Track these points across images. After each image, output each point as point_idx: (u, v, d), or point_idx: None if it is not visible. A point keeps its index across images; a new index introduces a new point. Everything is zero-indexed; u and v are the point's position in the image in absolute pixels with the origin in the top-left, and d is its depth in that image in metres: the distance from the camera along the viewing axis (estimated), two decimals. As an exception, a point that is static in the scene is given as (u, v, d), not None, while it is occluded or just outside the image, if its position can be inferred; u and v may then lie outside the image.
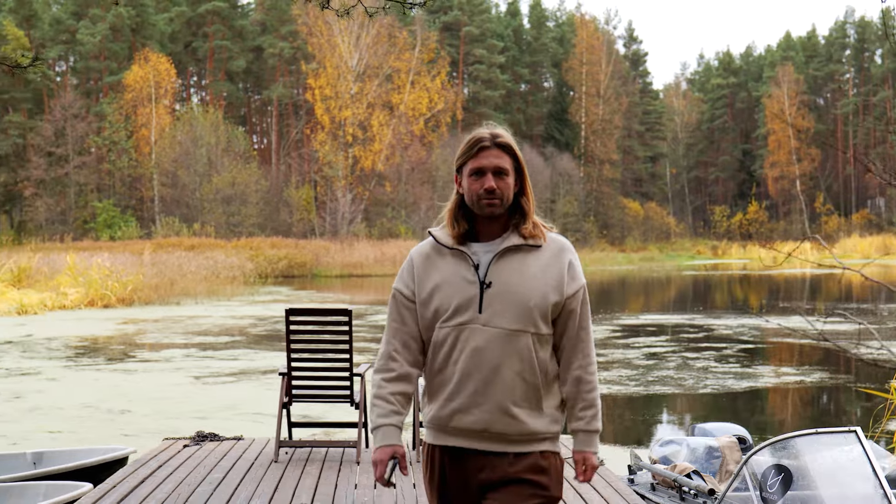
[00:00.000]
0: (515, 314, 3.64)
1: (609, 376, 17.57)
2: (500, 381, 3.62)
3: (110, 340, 25.71)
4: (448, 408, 3.68)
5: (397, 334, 3.80)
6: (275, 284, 54.80)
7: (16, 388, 16.94)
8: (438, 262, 3.77)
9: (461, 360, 3.65)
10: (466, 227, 3.75)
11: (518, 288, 3.67)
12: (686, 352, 21.54)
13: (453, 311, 3.68)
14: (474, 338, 3.64)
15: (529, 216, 3.76)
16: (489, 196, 3.68)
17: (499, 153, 3.73)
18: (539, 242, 3.72)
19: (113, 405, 15.13)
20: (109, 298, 38.39)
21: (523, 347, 3.63)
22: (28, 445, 11.69)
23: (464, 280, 3.70)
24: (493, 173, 3.70)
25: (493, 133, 3.76)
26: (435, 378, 3.75)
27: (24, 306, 35.24)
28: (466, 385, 3.64)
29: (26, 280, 42.37)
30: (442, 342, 3.70)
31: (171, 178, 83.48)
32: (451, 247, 3.75)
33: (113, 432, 12.98)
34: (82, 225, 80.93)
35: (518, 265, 3.70)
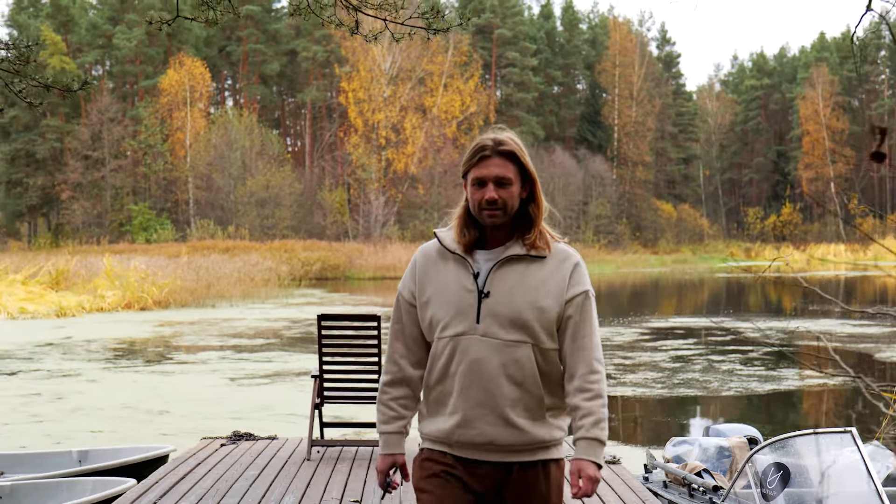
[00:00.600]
0: (513, 325, 3.59)
1: (635, 378, 17.92)
2: (501, 393, 3.59)
3: (148, 342, 26.25)
4: (450, 422, 3.64)
5: (399, 336, 3.78)
6: (308, 287, 55.28)
7: (58, 389, 17.46)
8: (441, 266, 3.72)
9: (460, 372, 3.61)
10: (477, 234, 3.69)
11: (516, 298, 3.61)
12: (712, 354, 21.83)
13: (450, 321, 3.64)
14: (473, 349, 3.60)
15: (536, 225, 3.69)
16: (490, 207, 3.61)
17: (501, 161, 3.66)
18: (543, 253, 3.66)
19: (151, 406, 15.60)
20: (146, 301, 39.00)
21: (523, 358, 3.59)
22: (71, 444, 12.17)
23: (462, 288, 3.65)
24: (495, 183, 3.63)
25: (496, 140, 3.69)
26: (433, 390, 3.72)
27: (62, 309, 35.89)
28: (467, 398, 3.61)
29: (64, 283, 43.01)
30: (440, 354, 3.66)
31: (205, 181, 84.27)
32: (454, 252, 3.70)
33: (152, 432, 13.44)
34: (118, 227, 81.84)
35: (519, 275, 3.64)
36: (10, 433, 13.37)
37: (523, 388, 3.60)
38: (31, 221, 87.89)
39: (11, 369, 20.55)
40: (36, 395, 16.83)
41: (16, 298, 37.01)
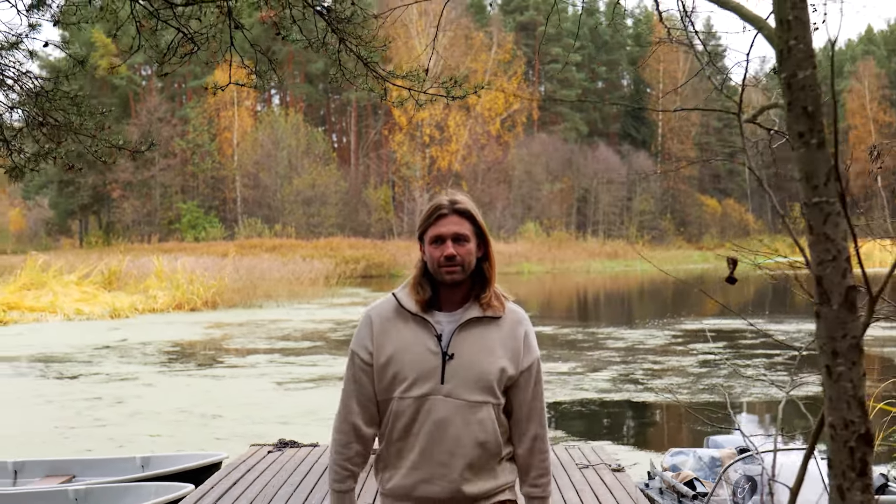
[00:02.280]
0: (477, 386, 3.70)
1: (660, 384, 18.74)
2: (464, 453, 3.69)
3: (199, 345, 27.41)
4: (412, 477, 3.73)
5: (353, 396, 3.84)
6: (353, 286, 56.26)
7: (117, 393, 18.61)
8: (401, 326, 3.78)
9: (423, 431, 3.70)
10: (430, 293, 3.77)
11: (479, 360, 3.72)
12: (739, 359, 22.53)
13: (413, 381, 3.72)
14: (437, 409, 3.68)
15: (490, 284, 3.81)
16: (449, 263, 3.69)
17: (458, 219, 3.74)
18: (499, 314, 3.77)
19: (205, 410, 16.68)
20: (195, 302, 40.22)
21: (485, 418, 3.71)
22: (133, 448, 13.27)
23: (426, 349, 3.72)
24: (453, 240, 3.71)
25: (451, 199, 3.77)
26: (393, 446, 3.80)
27: (116, 310, 37.17)
28: (431, 456, 3.69)
29: (116, 283, 44.33)
30: (401, 413, 3.74)
31: (252, 179, 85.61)
32: (415, 313, 3.77)
33: (206, 436, 14.49)
34: (167, 226, 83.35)
35: (479, 337, 3.74)
36: (76, 437, 14.51)
37: (485, 447, 3.72)
38: (83, 219, 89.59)
39: (73, 373, 21.79)
40: (97, 399, 17.99)
41: (71, 299, 38.34)
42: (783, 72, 3.08)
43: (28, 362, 24.08)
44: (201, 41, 6.59)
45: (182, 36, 6.56)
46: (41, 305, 37.04)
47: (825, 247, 2.96)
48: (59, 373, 21.93)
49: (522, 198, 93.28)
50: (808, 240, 3.02)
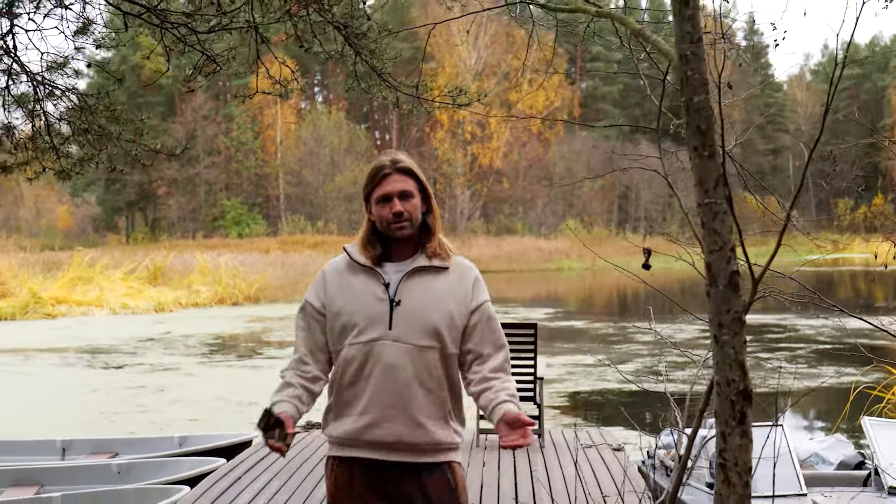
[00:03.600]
0: (424, 331, 3.82)
1: (681, 376, 19.32)
2: (412, 395, 3.80)
3: (240, 338, 28.30)
4: (361, 422, 3.84)
5: (306, 343, 3.98)
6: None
7: (160, 382, 19.49)
8: (351, 278, 3.93)
9: (373, 375, 3.81)
10: (380, 249, 3.92)
11: (426, 306, 3.84)
12: (762, 352, 23.05)
13: (362, 328, 3.84)
14: (386, 354, 3.80)
15: (435, 235, 3.95)
16: (397, 219, 3.85)
17: (402, 177, 3.89)
18: (446, 264, 3.91)
19: (242, 398, 17.50)
20: (237, 297, 41.15)
21: (431, 362, 3.83)
22: (172, 430, 14.10)
23: (374, 297, 3.86)
24: (399, 197, 3.86)
25: (393, 159, 3.94)
26: (343, 393, 3.90)
27: (160, 304, 38.18)
28: (379, 399, 3.80)
29: (161, 278, 45.31)
30: (351, 359, 3.85)
31: (295, 176, 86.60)
32: (364, 264, 3.91)
33: (242, 421, 15.27)
34: (212, 222, 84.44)
35: (426, 284, 3.87)
36: (121, 420, 15.40)
37: (431, 391, 3.84)
38: (129, 216, 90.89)
39: (119, 363, 22.76)
40: (141, 388, 18.90)
41: (117, 294, 39.37)
42: (683, 96, 3.80)
43: (76, 353, 25.07)
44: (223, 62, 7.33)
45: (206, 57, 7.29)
46: (88, 300, 38.04)
47: (713, 239, 3.69)
48: (105, 363, 22.90)
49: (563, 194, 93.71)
50: (700, 233, 3.73)
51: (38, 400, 17.82)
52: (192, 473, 9.51)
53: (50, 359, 24.02)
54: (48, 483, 9.83)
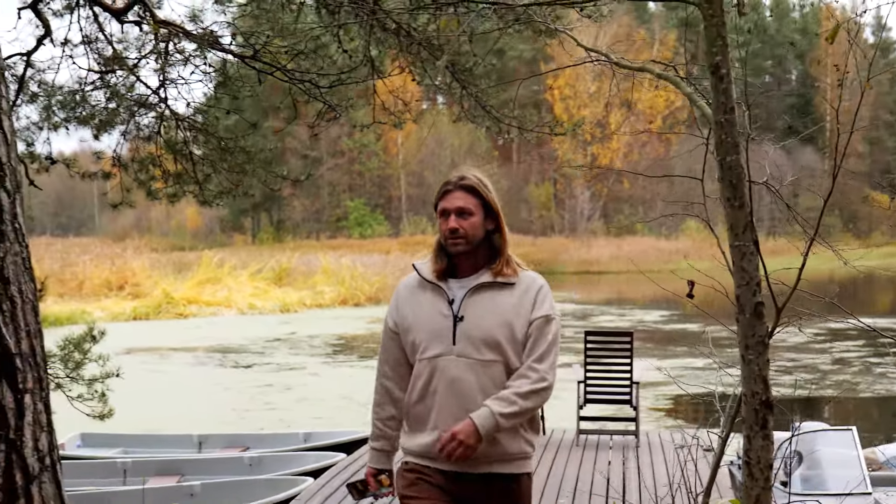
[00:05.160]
0: (486, 345, 3.89)
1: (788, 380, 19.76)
2: (478, 408, 3.83)
3: (362, 339, 29.40)
4: (431, 437, 3.92)
5: (385, 360, 4.12)
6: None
7: (286, 381, 20.65)
8: (420, 295, 4.02)
9: (439, 390, 3.91)
10: (446, 263, 4.00)
11: (488, 321, 3.90)
12: (874, 357, 23.26)
13: (427, 343, 3.94)
14: (450, 369, 3.89)
15: (502, 255, 4.01)
16: (452, 236, 3.93)
17: (463, 195, 3.96)
18: (511, 280, 3.97)
19: (363, 398, 18.40)
20: (359, 297, 42.24)
21: (496, 376, 3.89)
22: (298, 427, 15.13)
23: (439, 314, 3.94)
24: (456, 214, 3.93)
25: (460, 175, 4.02)
26: (414, 408, 4.00)
27: (286, 305, 39.46)
28: (446, 414, 3.88)
29: (286, 278, 46.61)
30: (420, 374, 3.96)
31: (417, 178, 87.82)
32: (430, 281, 4.00)
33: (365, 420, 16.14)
34: (335, 223, 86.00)
35: (490, 300, 3.93)
36: (251, 418, 16.56)
37: None
38: (255, 217, 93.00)
39: (247, 362, 24.07)
40: (268, 386, 20.09)
41: (244, 295, 40.81)
42: (718, 156, 4.55)
43: (207, 353, 26.48)
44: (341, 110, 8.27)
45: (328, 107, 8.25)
46: (217, 300, 39.55)
47: (742, 275, 4.45)
48: (235, 362, 24.22)
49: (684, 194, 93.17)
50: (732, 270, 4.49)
51: (174, 397, 19.12)
52: (316, 467, 10.51)
53: (184, 358, 25.45)
54: (188, 473, 10.93)
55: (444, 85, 9.19)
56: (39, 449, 4.14)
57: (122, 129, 8.47)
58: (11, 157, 4.20)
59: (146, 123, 8.53)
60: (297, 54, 7.75)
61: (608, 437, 11.58)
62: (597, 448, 10.97)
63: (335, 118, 8.50)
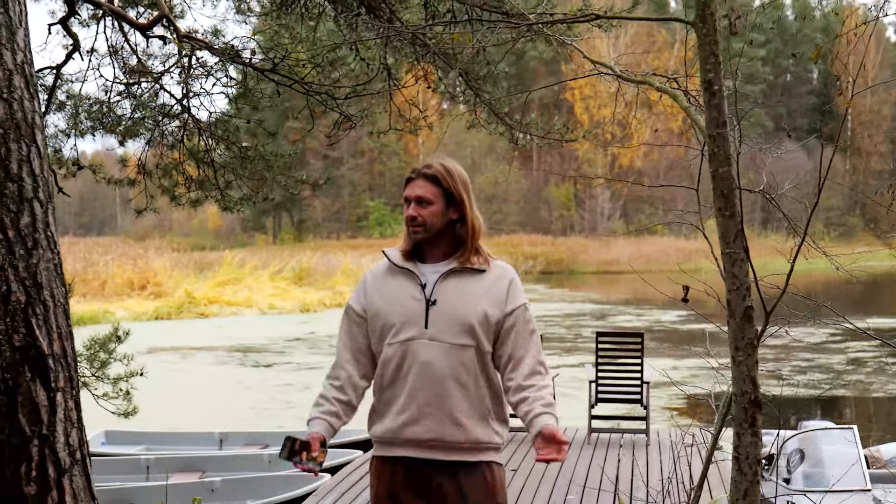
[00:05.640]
0: (459, 330, 3.88)
1: (801, 380, 19.96)
2: (448, 393, 3.87)
3: (379, 338, 29.66)
4: (399, 419, 3.90)
5: (348, 347, 4.07)
6: (532, 282, 57.67)
7: (306, 380, 20.95)
8: (390, 280, 4.01)
9: (411, 373, 3.88)
10: (412, 245, 4.01)
11: (461, 305, 3.90)
12: (890, 357, 23.32)
13: (399, 327, 3.91)
14: (422, 352, 3.87)
15: (465, 244, 3.99)
16: (412, 223, 3.94)
17: (423, 183, 3.95)
18: (483, 267, 3.98)
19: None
20: (378, 298, 42.47)
21: (468, 360, 3.89)
22: (317, 426, 15.46)
23: (411, 297, 3.94)
24: (416, 202, 3.94)
25: (425, 164, 4.01)
26: (384, 393, 3.97)
27: (306, 305, 39.73)
28: (417, 397, 3.87)
29: (306, 278, 46.94)
30: (390, 358, 3.92)
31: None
32: (401, 266, 4.00)
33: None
34: (355, 223, 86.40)
35: (462, 285, 3.94)
36: (270, 416, 16.86)
37: (467, 389, 3.91)
38: (276, 217, 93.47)
39: (267, 362, 24.41)
40: (288, 386, 20.42)
41: (265, 294, 41.16)
42: (711, 167, 4.79)
43: (228, 352, 26.81)
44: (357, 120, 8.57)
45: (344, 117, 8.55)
46: (238, 300, 39.85)
47: (733, 280, 4.70)
48: (256, 362, 24.55)
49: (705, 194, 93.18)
50: (724, 276, 4.74)
51: (196, 395, 19.45)
52: (333, 463, 10.78)
53: (205, 357, 25.79)
54: (209, 469, 11.24)
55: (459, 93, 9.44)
56: (70, 444, 4.43)
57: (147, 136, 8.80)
58: (44, 169, 4.50)
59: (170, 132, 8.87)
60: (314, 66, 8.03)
61: (619, 436, 11.82)
62: (608, 446, 11.22)
63: (351, 128, 8.78)
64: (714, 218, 4.83)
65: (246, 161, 8.73)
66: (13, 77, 4.35)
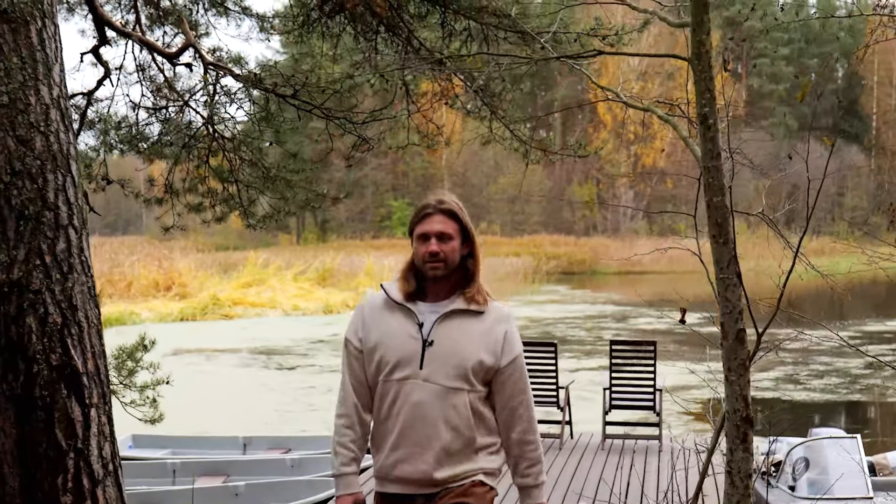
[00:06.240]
0: (454, 373, 3.89)
1: (818, 384, 20.16)
2: (437, 435, 3.88)
3: (402, 340, 29.96)
4: (392, 457, 3.93)
5: (350, 381, 4.05)
6: (554, 283, 57.88)
7: (328, 383, 21.27)
8: (387, 315, 4.00)
9: (402, 412, 3.89)
10: (415, 286, 4.00)
11: (457, 349, 3.91)
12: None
13: (394, 365, 3.92)
14: (415, 392, 3.88)
15: (474, 280, 4.02)
16: (432, 259, 3.92)
17: (443, 219, 3.96)
18: (482, 309, 3.98)
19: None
20: (401, 298, 42.72)
21: (460, 403, 3.90)
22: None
23: (408, 336, 3.93)
24: (437, 238, 3.93)
25: (438, 200, 4.02)
26: (379, 427, 3.99)
27: (329, 306, 39.98)
28: (408, 437, 3.89)
29: (330, 279, 47.23)
30: (384, 395, 3.94)
31: (460, 178, 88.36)
32: (399, 303, 3.98)
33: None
34: (379, 223, 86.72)
35: (460, 328, 3.94)
36: (293, 419, 17.20)
37: (458, 432, 3.91)
38: (300, 217, 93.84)
39: (291, 364, 24.77)
40: (311, 388, 20.77)
41: (289, 295, 41.43)
42: (706, 197, 5.07)
43: (252, 354, 27.17)
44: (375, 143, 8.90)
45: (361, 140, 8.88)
46: (262, 301, 40.11)
47: (726, 305, 4.97)
48: (279, 364, 24.92)
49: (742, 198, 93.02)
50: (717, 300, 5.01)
51: (220, 398, 19.81)
52: (355, 468, 11.08)
53: (229, 359, 26.17)
54: (233, 473, 11.56)
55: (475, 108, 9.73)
56: (103, 456, 4.73)
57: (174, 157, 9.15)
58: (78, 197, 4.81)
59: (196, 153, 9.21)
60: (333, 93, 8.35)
61: (633, 442, 12.09)
62: (621, 452, 11.50)
63: (369, 149, 9.10)
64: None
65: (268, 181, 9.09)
66: (50, 111, 4.65)
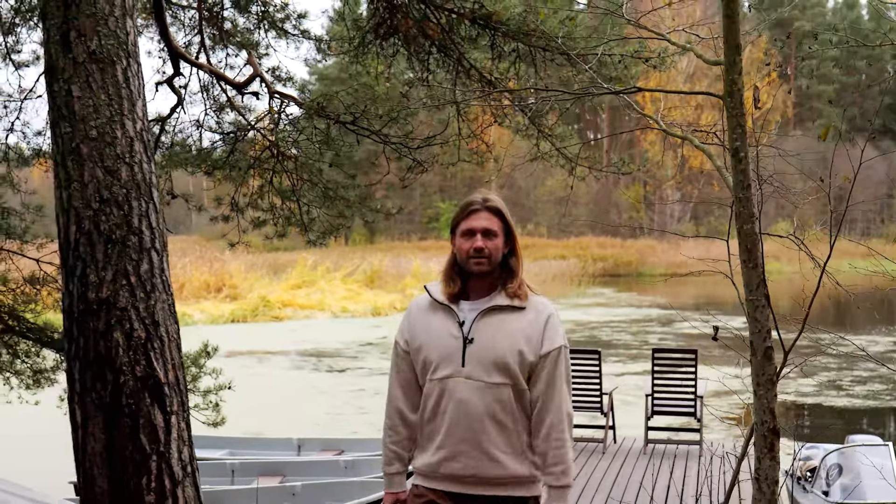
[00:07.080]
0: (495, 368, 3.92)
1: (860, 391, 20.34)
2: (483, 430, 3.91)
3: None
4: (438, 455, 3.98)
5: (396, 382, 4.16)
6: (599, 285, 58.08)
7: (377, 386, 21.73)
8: (431, 316, 4.06)
9: (448, 410, 3.94)
10: (460, 286, 4.05)
11: (497, 344, 3.93)
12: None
13: (437, 364, 3.98)
14: (458, 390, 3.92)
15: (516, 276, 4.04)
16: (477, 255, 3.96)
17: (488, 216, 4.01)
18: (522, 304, 4.00)
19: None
20: (447, 301, 43.11)
21: (505, 398, 3.92)
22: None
23: (449, 335, 3.98)
24: (482, 234, 3.97)
25: (484, 197, 4.06)
26: (426, 427, 4.05)
27: (377, 308, 40.41)
28: (454, 434, 3.93)
29: (378, 281, 47.71)
30: (430, 394, 3.99)
31: (507, 180, 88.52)
32: (442, 302, 4.03)
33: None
34: (426, 224, 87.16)
35: (500, 324, 3.97)
36: (345, 422, 17.70)
37: (504, 426, 3.94)
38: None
39: (341, 367, 25.28)
40: (361, 391, 21.25)
41: (337, 297, 41.93)
42: (737, 224, 5.46)
43: (302, 357, 27.73)
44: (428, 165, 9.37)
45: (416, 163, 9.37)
46: (311, 303, 40.62)
47: (755, 325, 5.36)
48: (330, 366, 25.44)
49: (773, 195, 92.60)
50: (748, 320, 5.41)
51: (273, 400, 20.34)
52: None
53: (281, 361, 26.73)
54: (289, 474, 12.05)
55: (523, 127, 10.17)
56: (182, 459, 5.22)
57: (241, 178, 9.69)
58: (160, 222, 5.30)
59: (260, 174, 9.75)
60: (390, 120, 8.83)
61: (675, 447, 12.46)
62: (662, 456, 11.88)
63: (423, 171, 9.58)
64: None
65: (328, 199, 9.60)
66: (134, 143, 5.13)
